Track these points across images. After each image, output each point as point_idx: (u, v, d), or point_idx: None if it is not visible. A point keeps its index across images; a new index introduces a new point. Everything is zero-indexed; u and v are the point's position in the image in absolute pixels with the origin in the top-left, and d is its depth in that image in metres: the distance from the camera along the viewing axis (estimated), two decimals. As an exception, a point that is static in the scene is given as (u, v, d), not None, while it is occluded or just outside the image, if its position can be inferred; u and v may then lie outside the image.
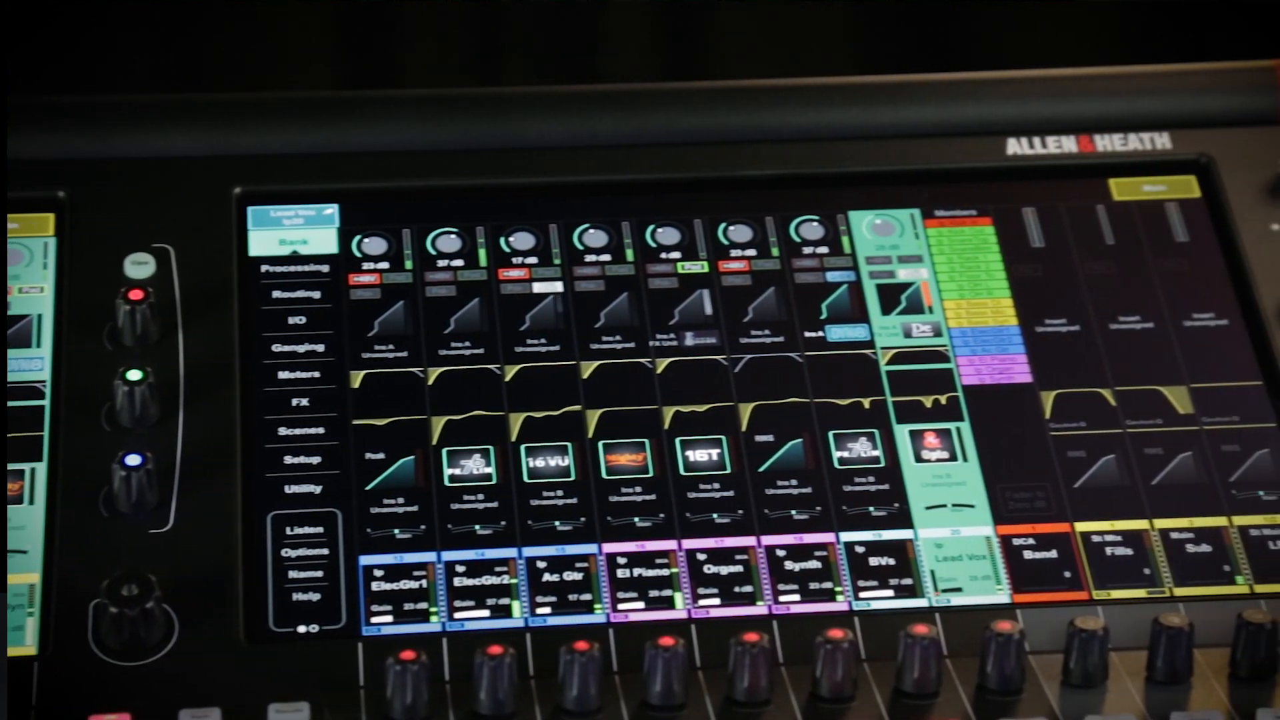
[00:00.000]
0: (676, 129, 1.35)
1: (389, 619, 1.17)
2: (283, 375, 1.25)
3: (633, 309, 1.29)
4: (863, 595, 1.20)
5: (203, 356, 1.24)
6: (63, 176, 1.30)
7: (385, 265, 1.30)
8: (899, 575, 1.20)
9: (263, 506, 1.20)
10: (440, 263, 1.30)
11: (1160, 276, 1.32)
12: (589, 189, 1.34)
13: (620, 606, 1.19)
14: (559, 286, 1.30)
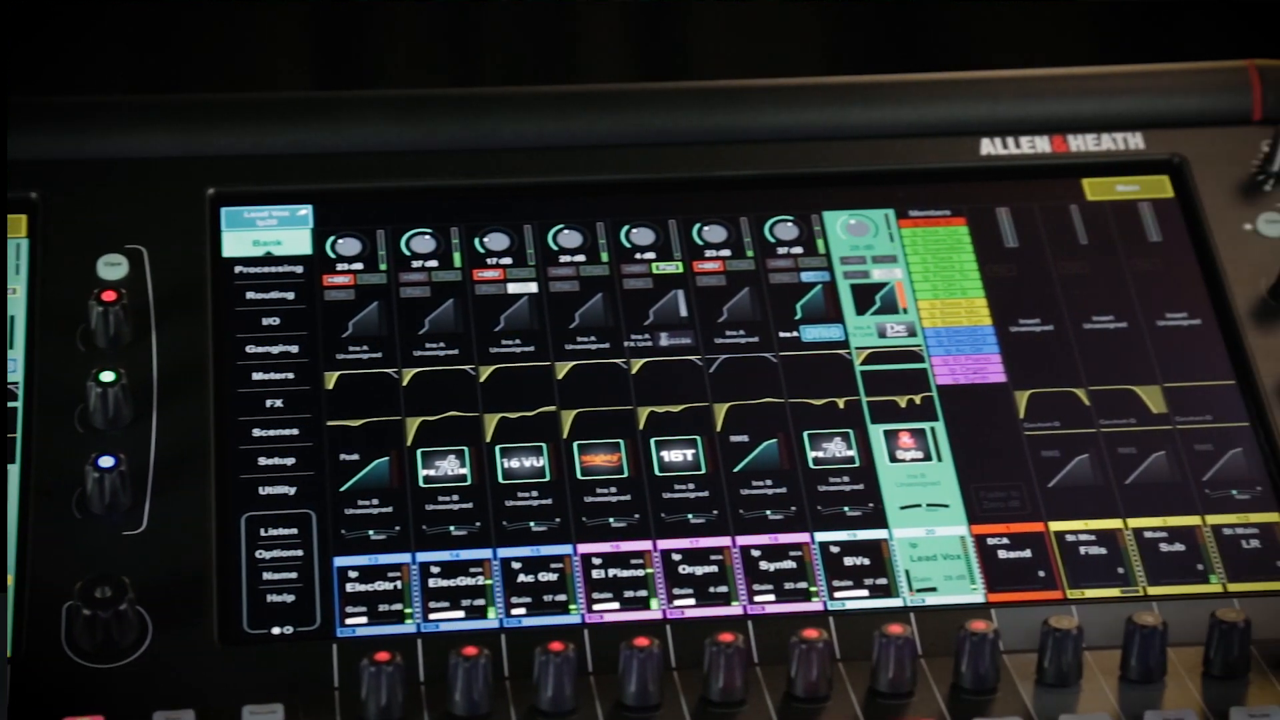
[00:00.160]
0: (651, 129, 1.35)
1: (363, 620, 1.17)
2: (257, 376, 1.25)
3: (607, 309, 1.29)
4: (837, 595, 1.20)
5: (176, 358, 1.24)
6: (35, 177, 1.29)
7: (359, 266, 1.30)
8: (874, 575, 1.20)
9: (237, 508, 1.20)
10: (414, 263, 1.30)
11: (1134, 276, 1.32)
12: (563, 189, 1.34)
13: (595, 607, 1.18)
14: (533, 287, 1.30)
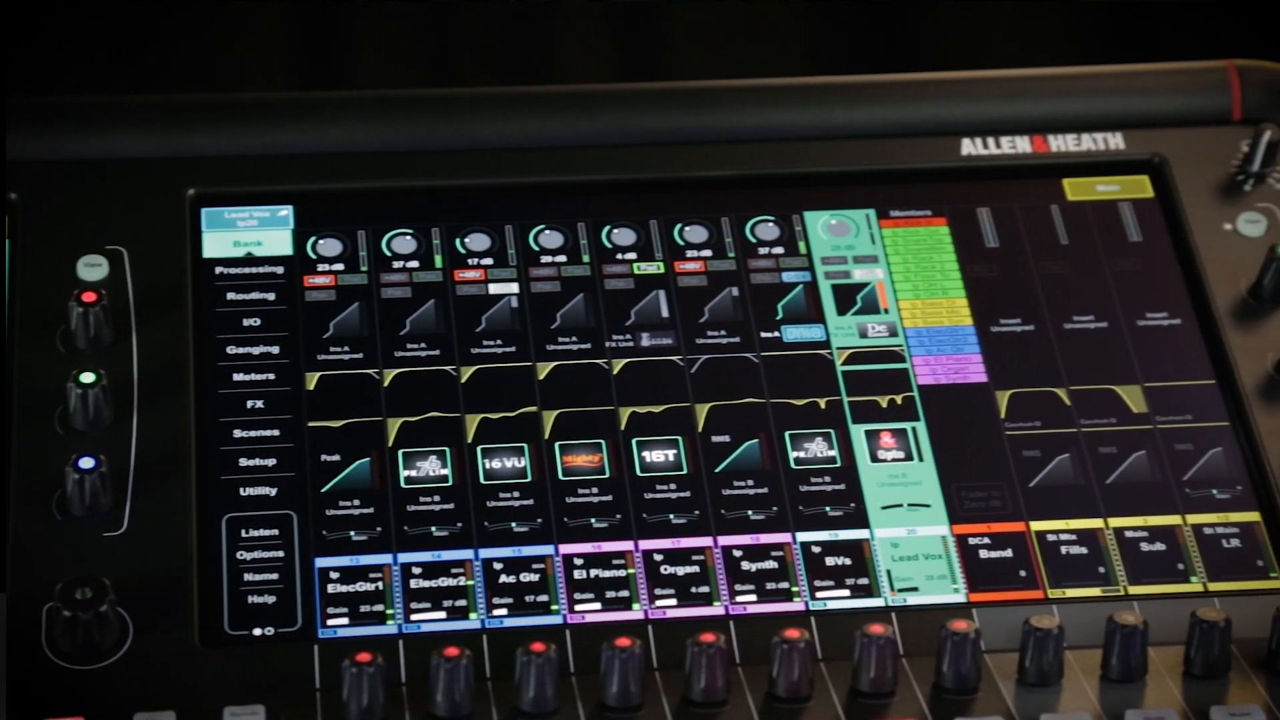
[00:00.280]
0: (632, 130, 1.35)
1: (345, 621, 1.17)
2: (237, 377, 1.25)
3: (589, 310, 1.29)
4: (819, 595, 1.20)
5: (156, 359, 1.23)
6: (14, 178, 1.29)
7: (340, 267, 1.30)
8: (855, 575, 1.21)
9: (217, 509, 1.20)
10: (395, 264, 1.30)
11: (1114, 276, 1.33)
12: (544, 190, 1.34)
13: (577, 608, 1.18)
14: (515, 288, 1.30)
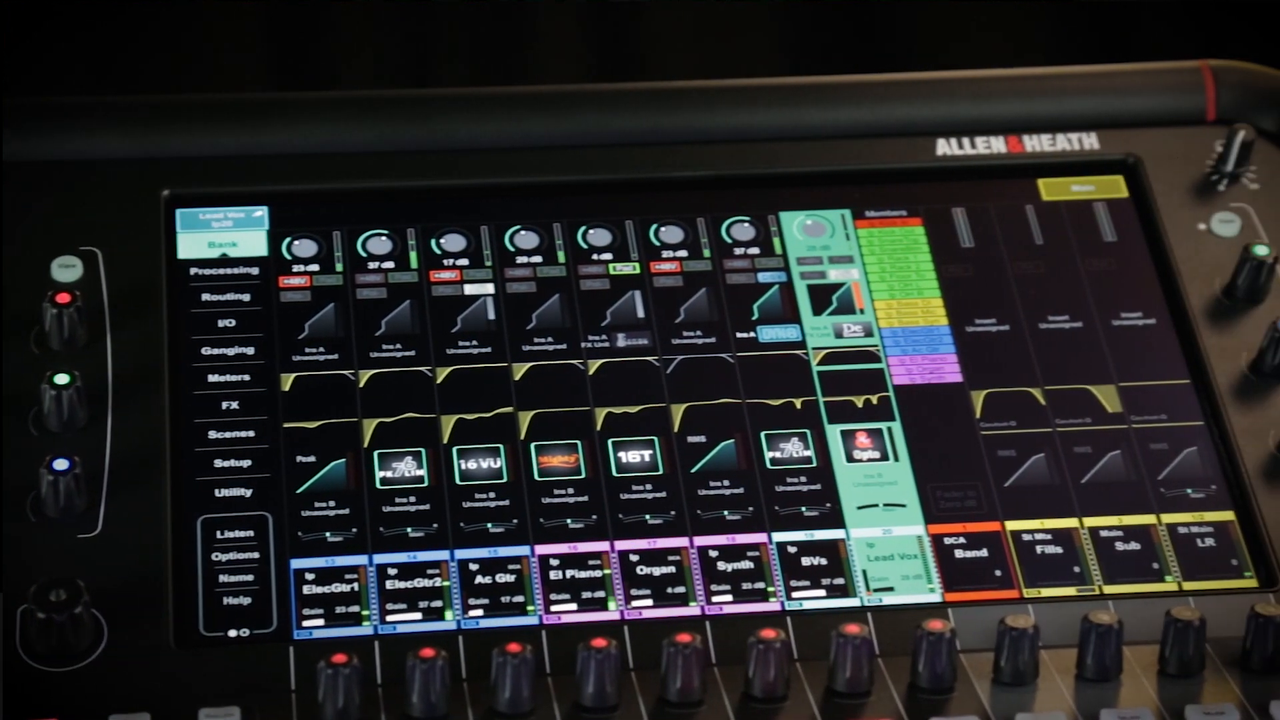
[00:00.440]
0: (607, 130, 1.35)
1: (320, 622, 1.17)
2: (212, 378, 1.24)
3: (564, 311, 1.29)
4: (795, 595, 1.20)
5: (131, 360, 1.23)
6: (-12, 179, 1.29)
7: (315, 268, 1.30)
8: (831, 575, 1.21)
9: (192, 510, 1.20)
10: (371, 265, 1.30)
11: (1089, 276, 1.33)
12: (520, 190, 1.33)
13: (553, 608, 1.18)
14: (490, 288, 1.30)
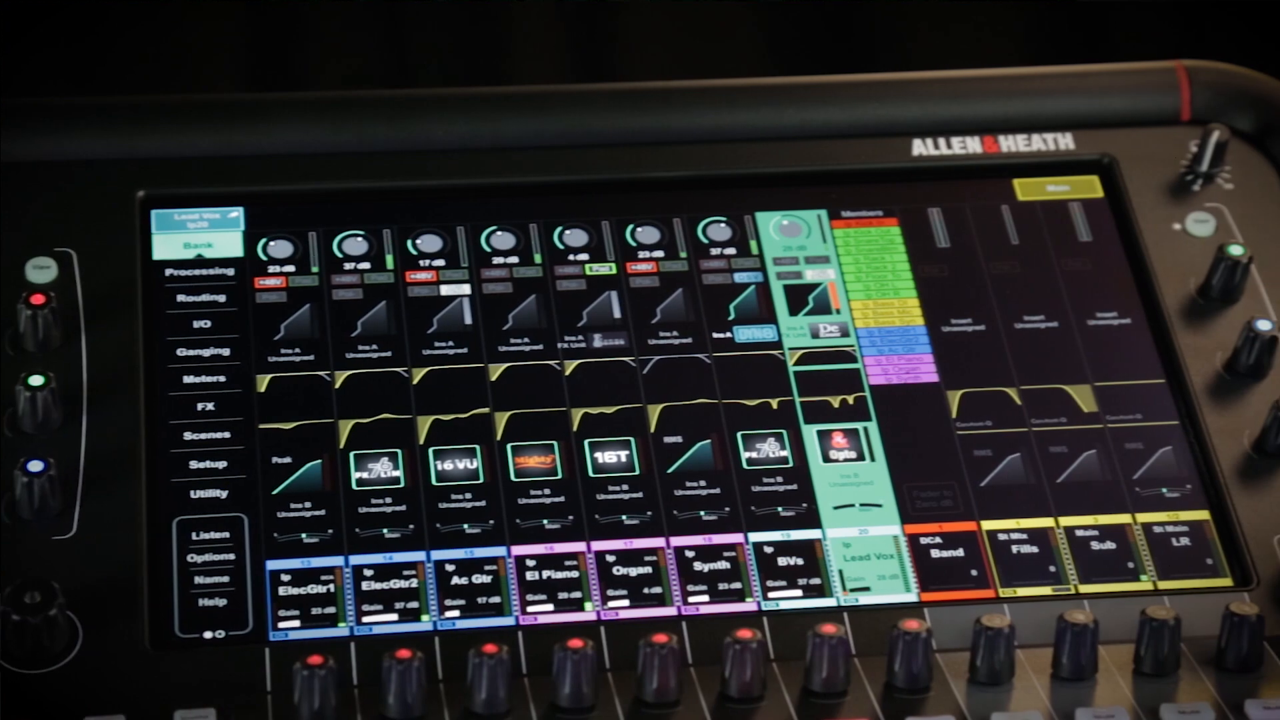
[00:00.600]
0: (583, 131, 1.35)
1: (296, 624, 1.17)
2: (188, 380, 1.24)
3: (541, 311, 1.29)
4: (771, 595, 1.20)
5: (106, 361, 1.23)
6: (-37, 180, 1.29)
7: (291, 268, 1.29)
8: (807, 575, 1.21)
9: (168, 512, 1.19)
10: (347, 265, 1.30)
11: (1064, 276, 1.33)
12: (496, 191, 1.33)
13: (529, 609, 1.18)
14: (466, 289, 1.30)
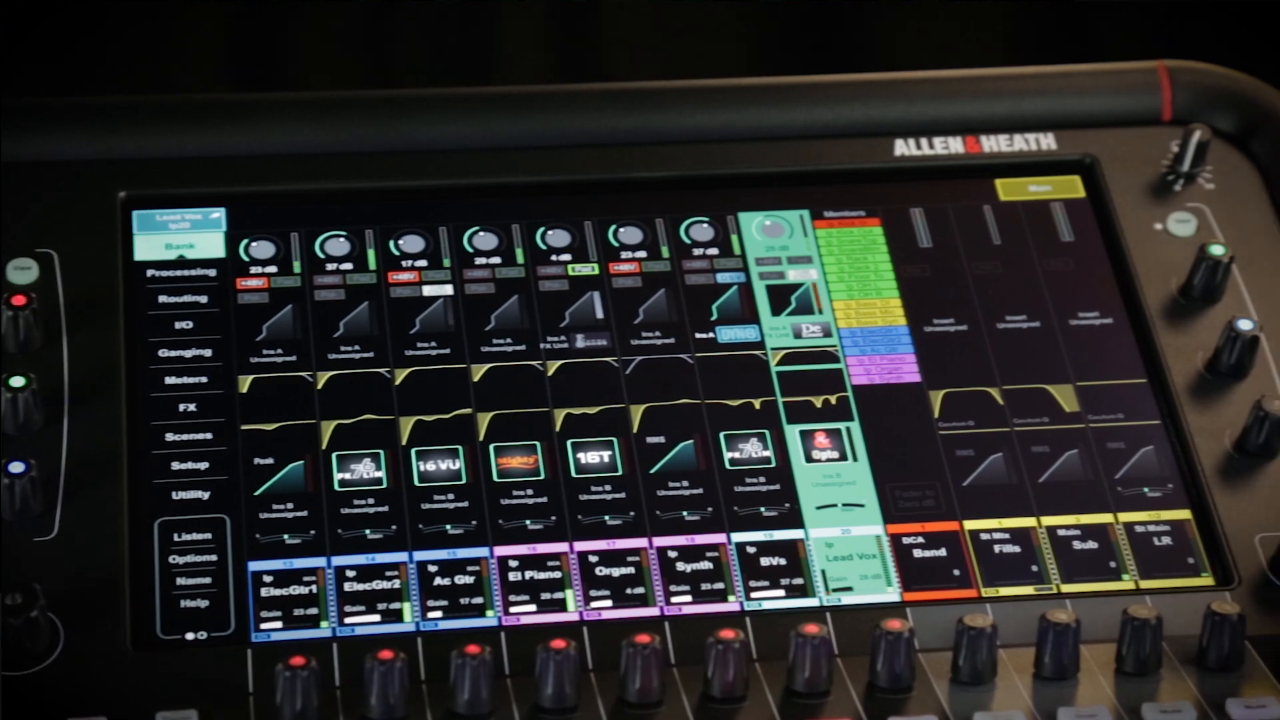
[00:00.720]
0: (566, 131, 1.35)
1: (278, 625, 1.17)
2: (169, 380, 1.24)
3: (523, 311, 1.29)
4: (754, 595, 1.20)
5: (87, 362, 1.23)
6: (-56, 181, 1.28)
7: (273, 269, 1.29)
8: (790, 575, 1.21)
9: (150, 513, 1.19)
10: (329, 266, 1.30)
11: (1046, 276, 1.33)
12: (478, 191, 1.33)
13: (512, 609, 1.18)
14: (449, 289, 1.30)
